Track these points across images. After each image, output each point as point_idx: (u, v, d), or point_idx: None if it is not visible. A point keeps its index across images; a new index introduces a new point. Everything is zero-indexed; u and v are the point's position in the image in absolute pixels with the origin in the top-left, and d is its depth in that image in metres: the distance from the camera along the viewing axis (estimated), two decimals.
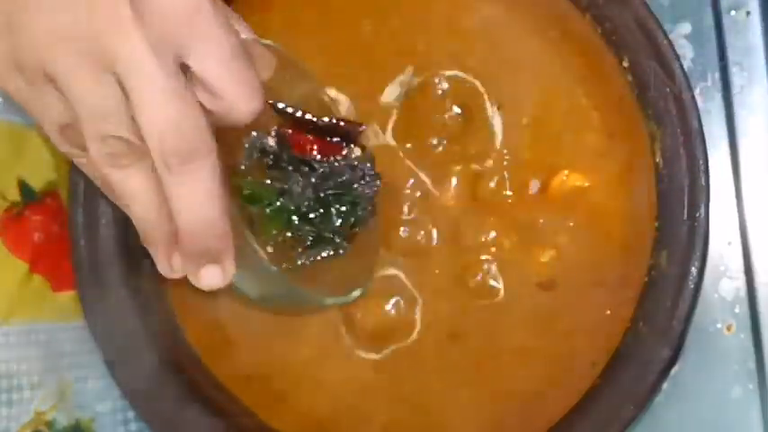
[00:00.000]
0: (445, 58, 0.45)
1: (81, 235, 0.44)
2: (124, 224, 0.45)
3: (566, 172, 0.44)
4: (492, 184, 0.45)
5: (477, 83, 0.45)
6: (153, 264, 0.46)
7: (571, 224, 0.43)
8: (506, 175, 0.44)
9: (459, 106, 0.45)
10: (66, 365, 0.44)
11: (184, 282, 0.46)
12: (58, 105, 0.33)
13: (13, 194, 0.43)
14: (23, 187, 0.44)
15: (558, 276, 0.43)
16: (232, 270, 0.36)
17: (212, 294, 0.45)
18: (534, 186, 0.44)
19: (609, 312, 0.42)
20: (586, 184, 0.44)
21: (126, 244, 0.45)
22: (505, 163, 0.44)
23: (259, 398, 0.45)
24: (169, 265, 0.36)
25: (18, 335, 0.42)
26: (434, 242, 0.45)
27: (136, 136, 0.32)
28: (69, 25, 0.31)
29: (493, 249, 0.44)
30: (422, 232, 0.45)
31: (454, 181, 0.45)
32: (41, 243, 0.44)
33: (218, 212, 0.33)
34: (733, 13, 0.45)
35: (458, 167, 0.45)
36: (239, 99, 0.33)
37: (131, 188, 0.33)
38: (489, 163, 0.45)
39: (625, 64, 0.42)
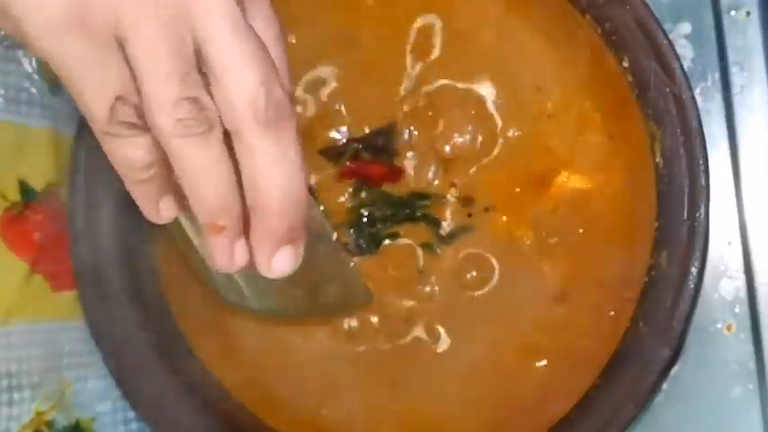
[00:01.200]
0: (444, 57, 0.45)
1: (81, 235, 0.44)
2: (124, 224, 0.45)
3: (566, 173, 0.44)
4: (493, 187, 0.45)
5: (476, 82, 0.45)
6: (153, 263, 0.46)
7: (580, 230, 0.43)
8: (507, 178, 0.44)
9: (456, 107, 0.45)
10: (66, 365, 0.44)
11: (184, 282, 0.46)
12: (118, 72, 0.30)
13: (14, 194, 0.43)
14: (24, 187, 0.44)
15: (570, 285, 0.43)
16: (302, 251, 0.33)
17: (211, 295, 0.45)
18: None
19: (612, 314, 0.42)
20: (588, 186, 0.44)
21: (126, 244, 0.45)
22: (506, 164, 0.45)
23: (259, 398, 0.45)
24: (231, 257, 0.33)
25: (18, 335, 0.42)
26: (438, 248, 0.45)
27: (210, 97, 0.30)
28: None
29: (498, 254, 0.44)
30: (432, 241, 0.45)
31: (455, 184, 0.45)
32: (41, 243, 0.44)
33: (303, 184, 0.31)
34: (733, 13, 0.45)
35: (456, 171, 0.45)
36: (287, 74, 0.33)
37: (206, 161, 0.30)
38: (489, 164, 0.45)
39: (625, 64, 0.42)
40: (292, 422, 0.45)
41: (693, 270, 0.40)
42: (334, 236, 0.44)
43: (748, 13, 0.45)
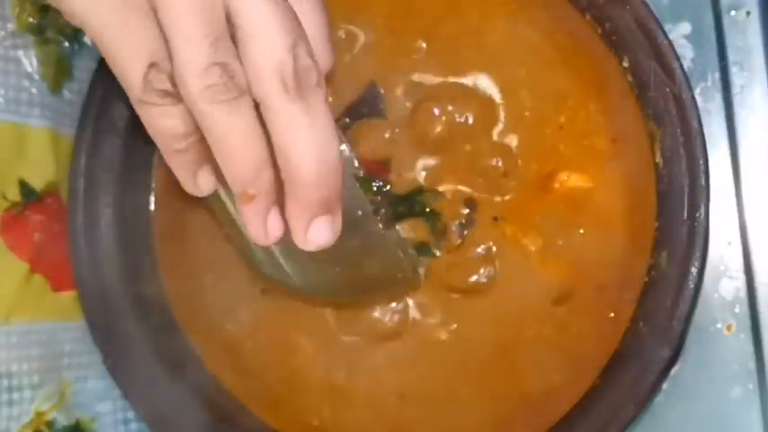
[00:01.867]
0: (446, 58, 0.45)
1: (81, 235, 0.44)
2: (124, 224, 0.45)
3: (566, 173, 0.44)
4: (495, 188, 0.45)
5: (478, 84, 0.45)
6: (153, 263, 0.46)
7: (581, 231, 0.43)
8: (509, 179, 0.44)
9: (458, 108, 0.45)
10: (66, 365, 0.44)
11: (185, 282, 0.46)
12: (151, 38, 0.30)
13: (14, 194, 0.43)
14: (24, 187, 0.44)
15: (571, 287, 0.43)
16: (340, 224, 0.33)
17: (212, 295, 0.45)
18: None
19: (612, 315, 0.42)
20: (588, 186, 0.44)
21: (126, 244, 0.45)
22: (508, 166, 0.44)
23: (259, 398, 0.45)
24: (265, 228, 0.33)
25: (18, 335, 0.42)
26: (439, 248, 0.45)
27: (240, 65, 0.30)
28: None
29: (501, 256, 0.44)
30: (434, 241, 0.45)
31: (454, 185, 0.45)
32: (41, 243, 0.44)
33: (336, 152, 0.31)
34: (733, 13, 0.45)
35: (459, 172, 0.45)
36: (326, 44, 0.34)
37: (235, 127, 0.30)
38: (491, 166, 0.45)
39: (625, 64, 0.42)
40: (293, 422, 0.45)
41: (693, 270, 0.40)
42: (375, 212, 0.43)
43: (748, 13, 0.45)
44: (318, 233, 0.32)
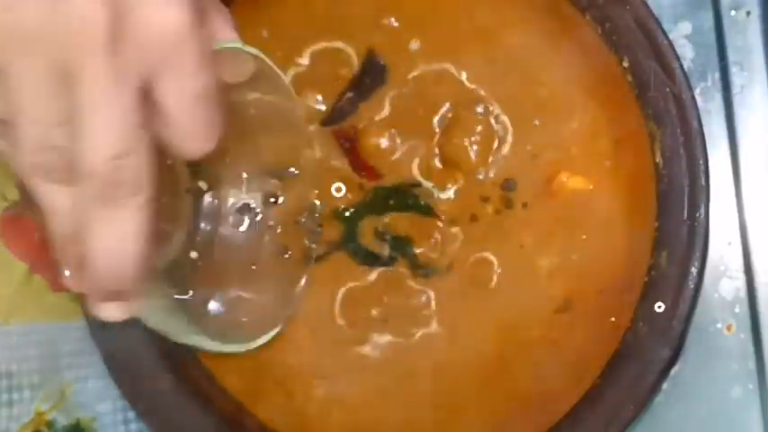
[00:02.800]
0: (445, 58, 0.45)
1: None
2: None
3: (566, 174, 0.44)
4: (496, 191, 0.44)
5: (479, 85, 0.45)
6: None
7: (584, 236, 0.43)
8: (510, 181, 0.44)
9: (461, 108, 0.45)
10: (67, 365, 0.44)
11: None
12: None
13: (14, 194, 0.43)
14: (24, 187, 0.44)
15: (572, 291, 0.43)
16: (135, 309, 0.34)
17: None
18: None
19: (613, 320, 0.42)
20: (589, 187, 0.44)
21: None
22: (509, 168, 0.44)
23: (259, 399, 0.45)
24: (78, 281, 0.33)
25: (18, 335, 0.42)
26: (441, 248, 0.45)
27: (74, 155, 0.29)
28: (38, 25, 0.28)
29: (504, 260, 0.44)
30: (432, 240, 0.45)
31: (455, 187, 0.45)
32: (41, 243, 0.44)
33: (132, 260, 0.31)
34: (733, 13, 0.45)
35: (460, 173, 0.45)
36: (192, 138, 0.31)
37: (55, 204, 0.31)
38: (493, 168, 0.44)
39: (625, 64, 0.42)
40: (294, 423, 0.45)
41: (693, 270, 0.40)
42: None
43: (748, 13, 0.45)
44: (107, 313, 0.34)
